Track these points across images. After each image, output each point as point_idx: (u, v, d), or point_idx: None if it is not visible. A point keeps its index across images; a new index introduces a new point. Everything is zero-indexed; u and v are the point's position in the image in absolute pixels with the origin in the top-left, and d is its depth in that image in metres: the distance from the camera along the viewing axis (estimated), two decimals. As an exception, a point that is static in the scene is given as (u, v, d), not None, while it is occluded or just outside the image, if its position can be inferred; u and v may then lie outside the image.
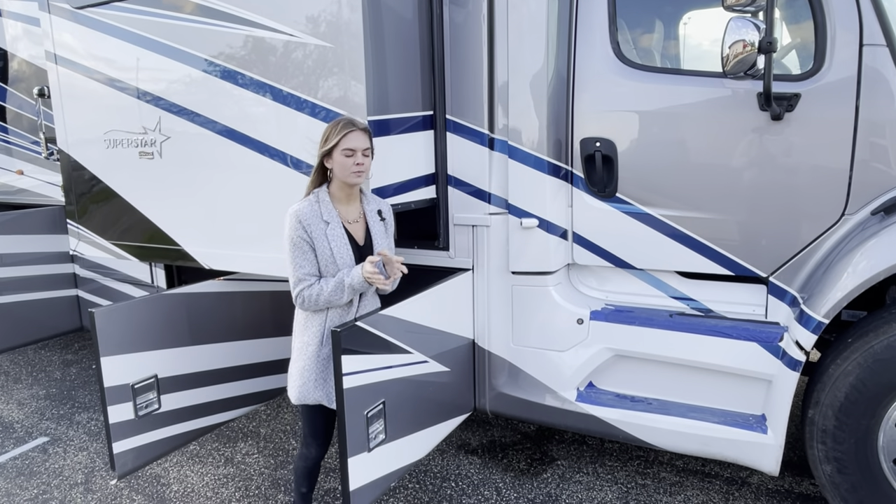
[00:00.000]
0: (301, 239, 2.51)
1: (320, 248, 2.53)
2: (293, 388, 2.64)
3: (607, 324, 3.17)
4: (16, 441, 4.24)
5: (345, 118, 2.62)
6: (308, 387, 2.60)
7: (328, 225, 2.54)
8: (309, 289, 2.53)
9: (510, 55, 3.11)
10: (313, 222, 2.52)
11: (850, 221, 2.73)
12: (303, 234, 2.51)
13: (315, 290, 2.53)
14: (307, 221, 2.51)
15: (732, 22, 2.52)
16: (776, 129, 2.76)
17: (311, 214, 2.53)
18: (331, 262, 2.54)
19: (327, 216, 2.56)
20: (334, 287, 2.52)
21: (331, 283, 2.53)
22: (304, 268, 2.53)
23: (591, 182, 3.12)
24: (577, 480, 3.52)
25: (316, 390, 2.61)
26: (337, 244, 2.55)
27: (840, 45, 2.67)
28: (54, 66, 3.86)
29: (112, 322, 3.00)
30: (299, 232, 2.51)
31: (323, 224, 2.54)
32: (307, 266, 2.53)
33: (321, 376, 2.60)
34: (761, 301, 3.00)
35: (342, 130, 2.52)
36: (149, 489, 3.59)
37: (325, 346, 2.60)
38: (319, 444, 2.75)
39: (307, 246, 2.52)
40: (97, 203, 3.92)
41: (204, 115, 3.36)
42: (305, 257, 2.53)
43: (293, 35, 3.03)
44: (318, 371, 2.60)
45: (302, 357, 2.63)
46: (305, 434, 2.75)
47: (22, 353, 5.88)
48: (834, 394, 2.69)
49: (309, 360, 2.61)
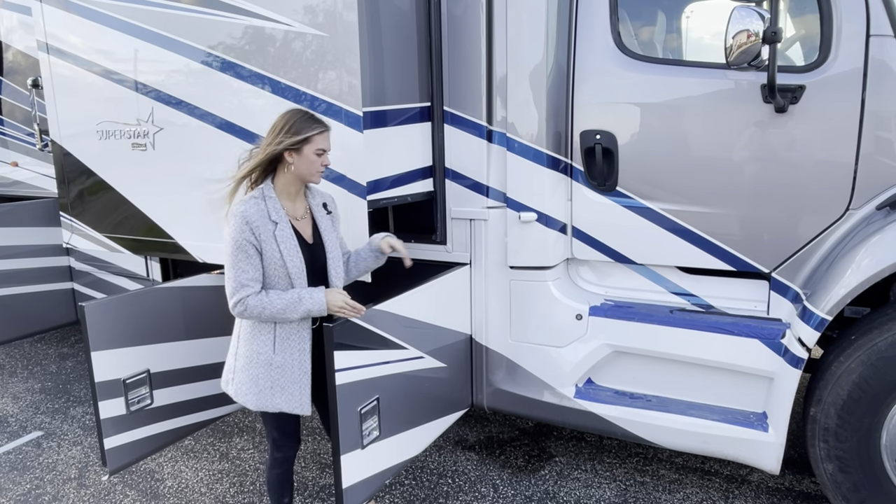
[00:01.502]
0: (247, 242, 2.33)
1: (268, 251, 2.36)
2: (249, 395, 2.47)
3: (606, 319, 3.13)
4: (10, 435, 4.21)
5: (307, 111, 2.48)
6: (265, 395, 2.45)
7: (276, 225, 2.38)
8: (255, 297, 2.35)
9: (509, 46, 3.06)
10: (261, 223, 2.35)
11: (855, 216, 2.68)
12: (249, 237, 2.33)
13: (262, 301, 2.35)
14: (255, 223, 2.33)
15: (736, 11, 2.47)
16: (780, 121, 2.71)
17: (258, 215, 2.35)
18: (279, 266, 2.38)
19: (275, 215, 2.39)
20: (287, 304, 2.35)
21: (283, 298, 2.36)
22: (248, 272, 2.35)
23: (591, 175, 3.07)
24: (576, 477, 3.48)
25: (274, 398, 2.46)
26: (286, 246, 2.38)
27: (846, 36, 2.61)
28: (46, 56, 3.81)
29: (103, 316, 2.96)
30: (246, 234, 2.33)
31: (271, 224, 2.37)
32: (251, 271, 2.36)
33: (277, 384, 2.45)
34: (763, 297, 2.96)
35: (316, 126, 2.41)
36: (143, 484, 3.56)
37: (277, 355, 2.44)
38: (293, 441, 2.65)
39: (253, 249, 2.35)
40: (90, 195, 3.87)
41: (197, 107, 3.31)
42: (250, 261, 2.35)
43: (290, 25, 2.98)
44: (272, 380, 2.45)
45: (253, 365, 2.46)
46: (275, 438, 2.61)
47: (17, 347, 5.85)
48: (836, 391, 2.65)
49: (261, 369, 2.45)
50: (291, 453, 2.68)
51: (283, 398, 2.47)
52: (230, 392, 2.57)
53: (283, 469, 2.67)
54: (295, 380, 2.47)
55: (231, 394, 2.56)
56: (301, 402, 2.48)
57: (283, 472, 2.68)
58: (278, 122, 2.43)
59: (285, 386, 2.46)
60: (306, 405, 2.49)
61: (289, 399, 2.47)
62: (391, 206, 3.53)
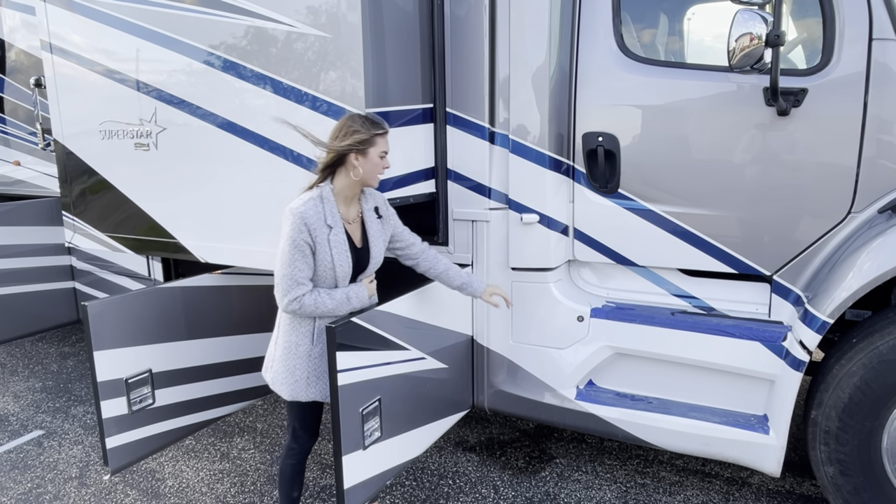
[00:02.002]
0: (304, 242, 2.40)
1: (321, 253, 2.43)
2: (284, 385, 2.57)
3: (608, 321, 3.13)
4: (11, 434, 4.21)
5: (366, 115, 2.55)
6: (300, 385, 2.55)
7: (331, 230, 2.45)
8: (309, 296, 2.43)
9: (512, 48, 3.06)
10: (318, 226, 2.41)
11: (857, 220, 2.68)
12: (306, 237, 2.39)
13: (315, 300, 2.43)
14: (312, 224, 2.40)
15: (739, 14, 2.47)
16: (782, 124, 2.71)
17: (315, 217, 2.42)
18: (329, 269, 2.46)
19: (331, 219, 2.45)
20: (338, 303, 2.47)
21: (334, 297, 2.47)
22: (304, 271, 2.42)
23: (593, 177, 3.07)
24: (576, 479, 3.48)
25: (309, 388, 2.56)
26: (338, 251, 2.46)
27: (849, 40, 2.62)
28: (49, 55, 3.81)
29: (105, 316, 2.96)
30: (303, 235, 2.39)
31: (326, 228, 2.43)
32: (306, 269, 2.43)
33: (314, 374, 2.55)
34: (765, 300, 2.96)
35: (380, 129, 2.48)
36: (143, 484, 3.56)
37: (316, 345, 2.54)
38: (310, 436, 2.72)
39: (308, 249, 2.41)
40: (92, 195, 3.88)
41: (200, 107, 3.31)
42: (305, 261, 2.42)
43: (293, 26, 2.98)
44: (309, 369, 2.55)
45: (291, 356, 2.55)
46: (295, 428, 2.69)
47: (19, 345, 5.85)
48: (838, 395, 2.65)
49: (300, 360, 2.55)
50: (308, 446, 2.73)
51: (319, 387, 2.56)
52: (267, 379, 2.67)
53: (296, 461, 2.72)
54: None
55: (268, 381, 2.66)
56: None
57: (296, 464, 2.73)
58: (340, 125, 2.50)
59: (321, 376, 2.55)
60: None
61: (324, 388, 2.56)
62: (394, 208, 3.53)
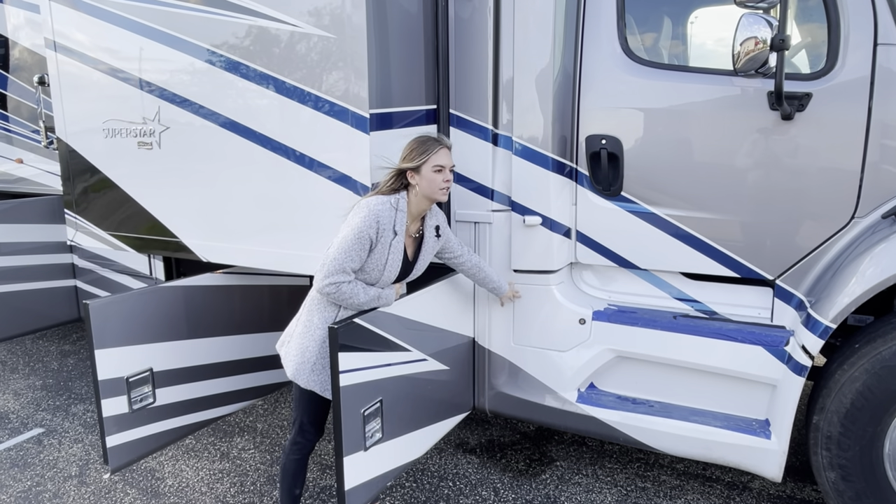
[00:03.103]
0: (368, 237, 2.48)
1: (378, 253, 2.53)
2: (292, 362, 2.61)
3: (610, 324, 3.12)
4: (11, 432, 4.21)
5: (428, 135, 2.65)
6: (305, 368, 2.58)
7: (395, 236, 2.56)
8: (349, 285, 2.49)
9: (516, 50, 3.06)
10: (387, 228, 2.52)
11: (860, 225, 2.68)
12: (372, 234, 2.49)
13: (352, 290, 2.50)
14: (383, 225, 2.51)
15: (744, 18, 2.47)
16: (786, 128, 2.71)
17: (388, 220, 2.52)
18: (378, 269, 2.56)
19: (399, 227, 2.56)
20: (370, 299, 2.54)
21: (368, 293, 2.54)
22: (355, 262, 2.50)
23: (596, 180, 3.07)
24: (577, 482, 3.48)
25: (312, 375, 2.58)
26: (394, 258, 2.57)
27: (853, 45, 2.61)
28: (53, 53, 3.81)
29: (107, 314, 2.96)
30: (371, 230, 2.48)
31: (392, 234, 2.54)
32: (357, 261, 2.50)
33: (320, 363, 2.57)
34: (767, 304, 2.95)
35: (433, 146, 2.56)
36: (143, 483, 3.56)
37: None
38: (316, 431, 2.72)
39: (370, 244, 2.50)
40: (95, 193, 3.88)
41: (204, 106, 3.31)
42: (361, 254, 2.50)
43: (297, 26, 2.98)
44: (318, 356, 2.57)
45: (307, 337, 2.60)
46: (302, 422, 2.70)
47: (19, 343, 5.85)
48: (840, 400, 2.64)
49: (312, 343, 2.58)
50: (313, 441, 2.74)
51: (321, 379, 2.57)
52: (281, 353, 2.70)
53: (301, 456, 2.73)
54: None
55: (281, 355, 2.69)
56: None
57: (300, 460, 2.73)
58: (404, 150, 2.65)
59: (326, 367, 2.55)
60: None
61: (324, 381, 2.57)
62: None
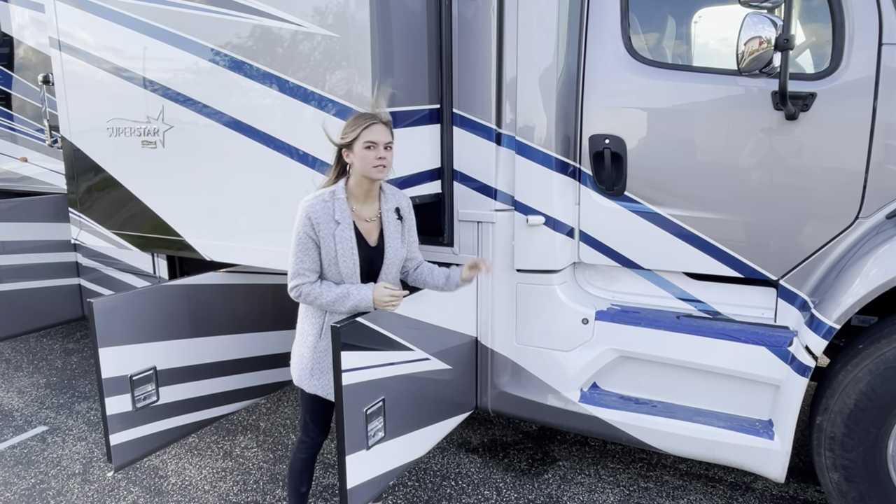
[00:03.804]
0: (307, 236, 2.45)
1: (325, 248, 2.47)
2: (294, 369, 2.66)
3: (613, 324, 3.12)
4: (15, 429, 4.22)
5: (363, 112, 2.56)
6: (304, 374, 2.60)
7: (338, 225, 2.47)
8: (309, 286, 2.48)
9: (519, 50, 3.06)
10: (323, 220, 2.45)
11: (864, 225, 2.67)
12: (310, 232, 2.45)
13: (314, 291, 2.48)
14: (317, 219, 2.44)
15: (749, 18, 2.46)
16: (790, 128, 2.70)
17: (322, 212, 2.45)
18: (333, 264, 2.49)
19: (339, 215, 2.47)
20: (336, 298, 2.46)
21: (334, 291, 2.47)
22: (305, 263, 2.49)
23: (600, 180, 3.07)
24: (579, 482, 3.48)
25: (312, 379, 2.60)
26: (343, 247, 2.47)
27: (858, 44, 2.61)
28: (58, 52, 3.82)
29: (111, 313, 2.97)
30: (307, 229, 2.45)
31: (333, 224, 2.46)
32: (308, 262, 2.49)
33: (317, 367, 2.58)
34: (771, 304, 2.95)
35: (364, 122, 2.47)
36: (146, 481, 3.57)
37: (322, 339, 2.57)
38: (321, 430, 2.73)
39: (312, 243, 2.46)
40: (99, 192, 3.89)
41: (208, 105, 3.32)
42: (308, 254, 2.48)
43: (300, 25, 2.98)
44: (313, 361, 2.58)
45: (301, 343, 2.64)
46: (306, 421, 2.71)
47: (23, 341, 5.87)
48: (843, 400, 2.64)
49: (306, 349, 2.61)
50: (319, 440, 2.74)
51: (321, 382, 2.58)
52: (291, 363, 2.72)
53: (308, 455, 2.74)
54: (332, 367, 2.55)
55: (290, 365, 2.72)
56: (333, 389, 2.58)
57: (307, 458, 2.74)
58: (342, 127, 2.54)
59: (324, 371, 2.57)
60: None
61: (325, 385, 2.58)
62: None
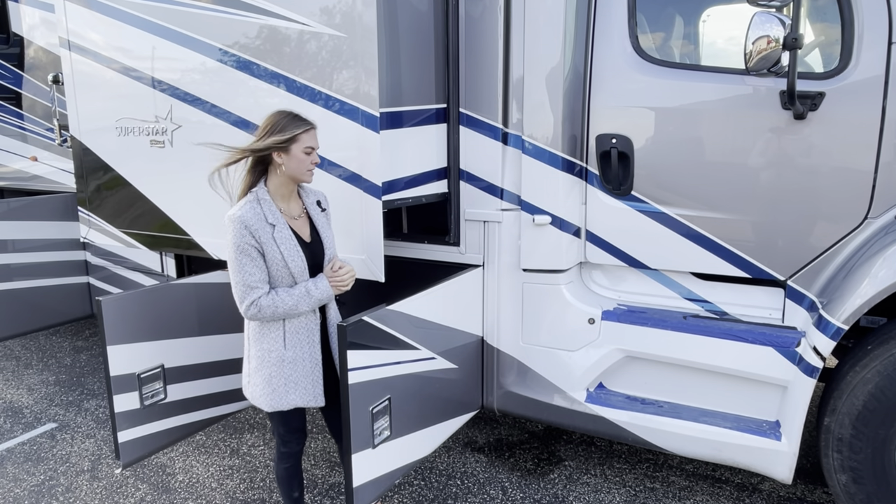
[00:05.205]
0: (249, 245, 2.37)
1: (270, 252, 2.40)
2: (263, 397, 2.51)
3: (619, 324, 3.11)
4: (24, 426, 4.26)
5: (292, 112, 2.48)
6: (279, 393, 2.50)
7: (274, 227, 2.41)
8: (266, 298, 2.39)
9: (526, 49, 3.06)
10: (259, 226, 2.38)
11: (873, 225, 2.65)
12: (250, 241, 2.37)
13: (273, 301, 2.40)
14: (253, 226, 2.37)
15: (757, 17, 2.45)
16: (798, 128, 2.69)
17: (254, 218, 2.38)
18: (282, 267, 2.42)
19: (272, 218, 2.42)
20: (298, 299, 2.42)
21: (293, 294, 2.42)
22: (255, 275, 2.39)
23: (606, 179, 3.06)
24: (585, 482, 3.47)
25: (288, 395, 2.50)
26: (286, 247, 2.42)
27: (868, 43, 2.59)
28: (68, 52, 3.85)
29: (119, 311, 2.99)
30: (246, 238, 2.36)
31: (269, 227, 2.40)
32: (257, 273, 2.39)
33: (291, 380, 2.50)
34: (778, 305, 2.94)
35: (302, 125, 2.42)
36: (154, 478, 3.59)
37: (288, 350, 2.48)
38: (299, 437, 2.69)
39: (255, 252, 2.38)
40: (108, 191, 3.91)
41: (216, 105, 3.33)
42: (255, 264, 2.39)
43: (308, 25, 2.99)
44: (286, 376, 2.49)
45: (265, 365, 2.50)
46: (281, 433, 2.65)
47: (33, 339, 5.92)
48: (851, 402, 2.62)
49: (273, 367, 2.49)
50: (298, 448, 2.71)
51: (298, 393, 2.51)
52: (248, 395, 2.62)
53: (290, 464, 2.72)
54: (307, 373, 2.52)
55: (248, 396, 2.61)
56: (315, 395, 2.55)
57: (290, 467, 2.72)
58: (265, 123, 2.46)
59: (298, 381, 2.51)
60: (320, 396, 2.55)
61: (303, 394, 2.52)
62: (405, 207, 3.54)
